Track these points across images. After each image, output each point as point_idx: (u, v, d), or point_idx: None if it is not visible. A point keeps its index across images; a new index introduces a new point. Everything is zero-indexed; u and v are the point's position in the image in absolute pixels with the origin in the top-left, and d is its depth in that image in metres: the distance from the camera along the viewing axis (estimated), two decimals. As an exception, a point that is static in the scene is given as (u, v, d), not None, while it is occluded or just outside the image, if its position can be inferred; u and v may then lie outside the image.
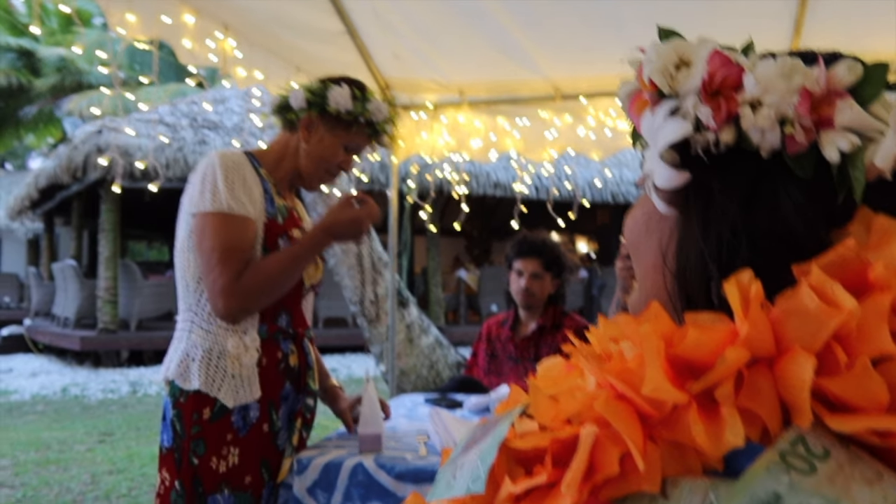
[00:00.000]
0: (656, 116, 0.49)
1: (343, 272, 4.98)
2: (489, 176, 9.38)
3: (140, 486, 3.91)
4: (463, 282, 11.00)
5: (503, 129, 3.73)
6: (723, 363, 0.39)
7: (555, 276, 2.62)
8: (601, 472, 0.40)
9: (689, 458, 0.40)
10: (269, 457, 1.54)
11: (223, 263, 1.44)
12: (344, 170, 1.66)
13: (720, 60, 0.48)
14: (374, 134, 1.65)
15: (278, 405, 1.57)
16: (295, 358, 1.61)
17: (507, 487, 0.44)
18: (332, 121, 1.60)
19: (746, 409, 0.39)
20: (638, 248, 0.55)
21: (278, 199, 1.62)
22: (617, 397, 0.42)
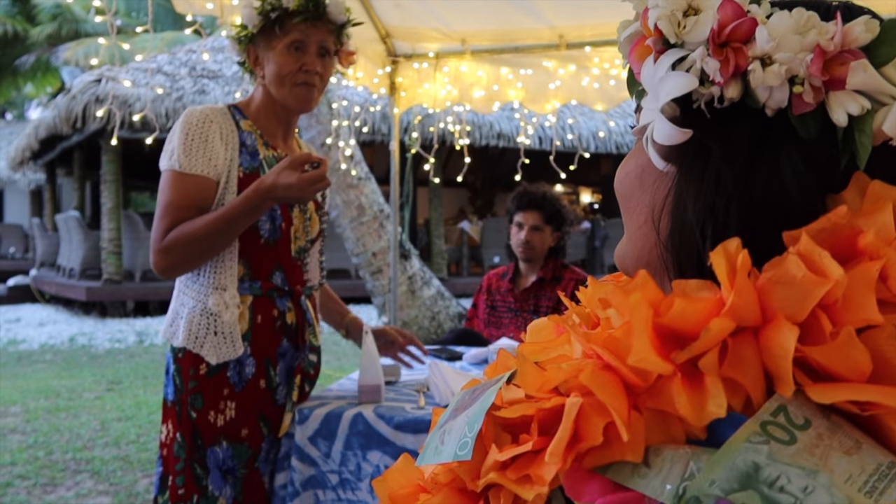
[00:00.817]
0: (659, 66, 0.47)
1: (345, 224, 4.99)
2: (492, 126, 9.28)
3: (148, 432, 4.00)
4: (465, 233, 11.01)
5: (506, 80, 3.67)
6: (707, 333, 0.39)
7: (555, 229, 2.63)
8: (585, 440, 0.41)
9: (673, 427, 0.40)
10: (267, 412, 1.56)
11: (161, 219, 1.46)
12: (311, 72, 1.55)
13: (732, 9, 0.45)
14: (310, 18, 1.52)
15: (275, 362, 1.57)
16: (292, 315, 1.60)
17: (494, 455, 0.44)
18: (262, 38, 1.55)
19: (730, 379, 0.39)
20: (629, 201, 0.53)
21: (266, 151, 1.58)
22: (603, 367, 0.43)
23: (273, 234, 1.56)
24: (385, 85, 3.75)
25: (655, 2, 0.48)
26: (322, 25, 1.55)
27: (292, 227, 1.59)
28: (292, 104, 1.57)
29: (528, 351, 0.52)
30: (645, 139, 0.49)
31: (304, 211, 1.63)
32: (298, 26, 1.52)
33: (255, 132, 1.57)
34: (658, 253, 0.49)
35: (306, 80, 1.55)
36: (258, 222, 1.53)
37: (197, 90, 8.61)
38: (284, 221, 1.58)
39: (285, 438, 1.59)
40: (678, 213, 0.47)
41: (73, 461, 3.52)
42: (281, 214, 1.57)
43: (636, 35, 0.50)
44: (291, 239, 1.60)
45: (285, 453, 1.58)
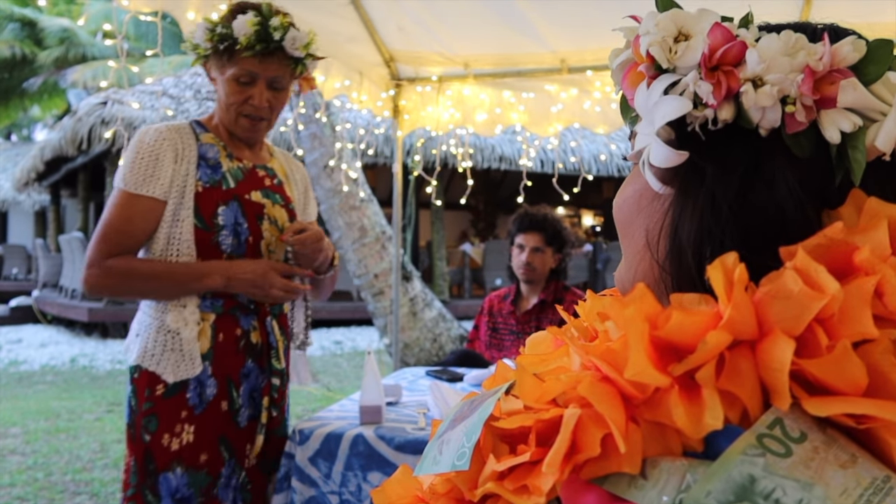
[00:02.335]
0: (653, 91, 0.48)
1: (347, 245, 5.00)
2: (494, 149, 9.33)
3: (148, 454, 3.98)
4: (467, 255, 11.01)
5: (508, 103, 3.71)
6: (704, 346, 0.39)
7: (556, 251, 2.63)
8: (583, 452, 0.41)
9: (670, 438, 0.40)
10: (229, 435, 1.49)
11: (101, 241, 1.43)
12: (257, 107, 1.49)
13: (722, 34, 0.47)
14: (257, 55, 1.45)
15: (238, 382, 1.50)
16: (257, 335, 1.53)
17: (492, 465, 0.44)
18: (214, 60, 1.49)
19: (727, 392, 0.39)
20: (628, 226, 0.54)
21: (230, 163, 1.52)
22: (601, 379, 0.43)
23: (237, 248, 1.49)
24: (388, 108, 3.79)
25: (646, 29, 0.49)
26: (275, 60, 1.47)
27: (262, 241, 1.53)
28: (238, 133, 1.53)
29: (527, 362, 0.53)
30: (642, 163, 0.50)
31: (275, 222, 1.56)
32: (247, 60, 1.45)
33: (218, 144, 1.53)
34: (656, 275, 0.50)
35: (251, 114, 1.50)
36: (218, 236, 1.47)
37: (201, 112, 8.68)
38: (252, 235, 1.51)
39: (285, 459, 1.58)
40: (675, 234, 0.48)
41: (72, 483, 3.49)
42: (248, 227, 1.50)
43: (628, 62, 0.51)
44: (263, 254, 1.53)
45: (285, 474, 1.57)
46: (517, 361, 0.52)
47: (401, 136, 3.85)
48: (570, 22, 3.01)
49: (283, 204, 1.59)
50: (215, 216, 1.47)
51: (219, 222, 1.47)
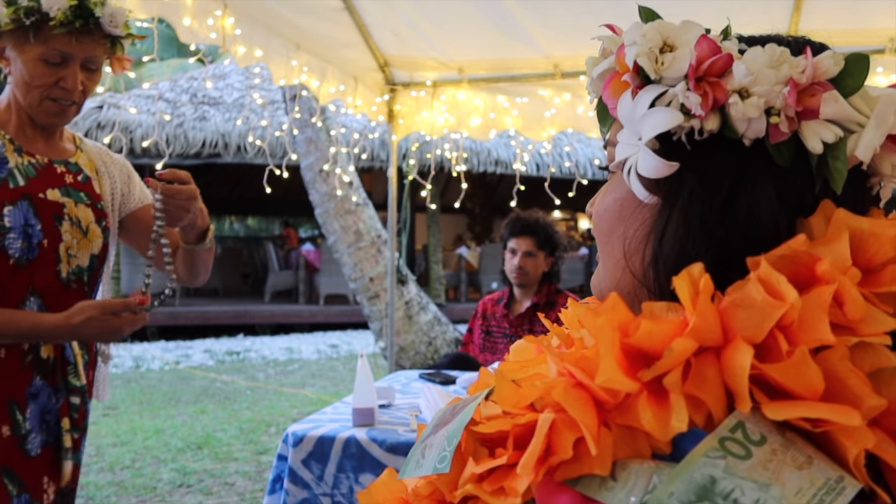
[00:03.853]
0: (639, 102, 0.49)
1: (343, 249, 5.02)
2: (490, 153, 9.36)
3: (143, 457, 3.99)
4: (464, 259, 11.04)
5: (502, 108, 3.73)
6: (670, 353, 0.41)
7: (548, 254, 2.65)
8: (556, 454, 0.43)
9: (640, 442, 0.42)
10: (15, 465, 1.29)
11: None
12: (68, 89, 1.33)
13: (708, 46, 0.48)
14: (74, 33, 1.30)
15: (24, 404, 1.31)
16: (49, 349, 1.34)
17: (471, 468, 0.46)
18: (10, 36, 1.30)
19: (692, 396, 0.41)
20: (610, 234, 0.55)
21: (18, 158, 1.33)
22: (575, 385, 0.45)
23: (27, 253, 1.30)
24: (383, 112, 3.81)
25: (633, 39, 0.50)
26: (90, 38, 1.32)
27: (62, 244, 1.35)
28: (40, 118, 1.35)
29: (507, 369, 0.54)
30: (626, 172, 0.51)
31: (77, 223, 1.38)
32: (60, 38, 1.29)
33: (3, 138, 1.33)
34: (636, 282, 0.51)
35: (61, 97, 1.33)
36: (6, 240, 1.28)
37: (197, 117, 8.69)
38: (48, 237, 1.33)
39: (277, 461, 1.60)
40: (659, 242, 0.49)
41: (66, 486, 3.50)
42: (42, 230, 1.32)
43: (609, 71, 0.52)
44: (61, 258, 1.35)
45: (277, 476, 1.58)
46: (496, 368, 0.54)
47: (395, 140, 3.87)
48: (563, 27, 3.03)
49: (88, 203, 1.40)
50: (1, 217, 1.28)
51: (5, 224, 1.28)
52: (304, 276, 10.26)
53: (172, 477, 3.64)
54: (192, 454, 4.06)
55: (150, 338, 9.19)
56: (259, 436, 4.42)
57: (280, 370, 6.98)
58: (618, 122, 0.53)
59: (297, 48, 3.06)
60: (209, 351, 8.11)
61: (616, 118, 0.52)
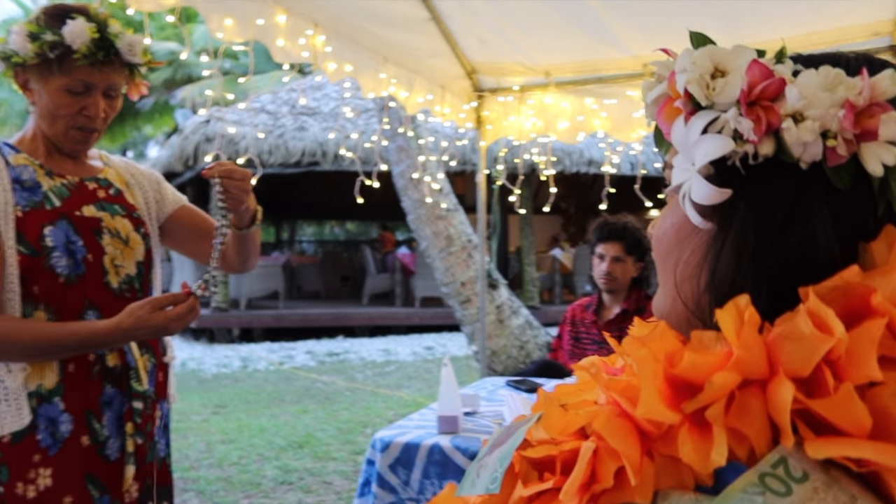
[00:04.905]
0: (692, 128, 0.49)
1: (434, 254, 5.10)
2: (582, 153, 9.23)
3: (249, 454, 4.20)
4: (557, 261, 10.93)
5: (591, 110, 3.69)
6: (711, 386, 0.41)
7: (637, 259, 2.60)
8: (598, 483, 0.44)
9: (683, 473, 0.43)
10: (97, 471, 1.37)
11: None
12: (91, 117, 1.39)
13: (760, 71, 0.47)
14: (96, 64, 1.35)
15: (99, 413, 1.38)
16: (114, 357, 1.41)
17: (519, 490, 0.48)
18: (34, 69, 1.36)
19: (735, 429, 0.41)
20: (667, 257, 0.55)
21: (50, 181, 1.40)
22: (619, 414, 0.46)
23: (74, 269, 1.37)
24: (471, 119, 3.85)
25: (683, 66, 0.50)
26: (111, 67, 1.38)
27: (106, 256, 1.41)
28: (66, 146, 1.42)
29: (560, 393, 0.56)
30: (681, 197, 0.51)
31: (117, 234, 1.44)
32: (83, 69, 1.35)
33: (33, 164, 1.40)
34: (692, 305, 0.51)
35: (85, 125, 1.40)
36: (51, 259, 1.34)
37: (297, 127, 9.06)
38: (91, 252, 1.39)
39: (366, 465, 1.66)
40: (712, 270, 0.49)
41: (180, 480, 3.74)
42: (84, 245, 1.38)
43: (663, 97, 0.52)
44: (108, 270, 1.41)
45: (366, 479, 1.64)
46: (545, 393, 0.55)
47: (484, 146, 3.91)
48: (649, 26, 2.97)
49: (124, 214, 1.47)
50: (42, 238, 1.34)
51: (47, 244, 1.34)
52: (401, 279, 10.47)
53: (275, 474, 3.82)
54: (293, 452, 4.24)
55: (257, 339, 9.66)
56: (356, 436, 4.57)
57: (377, 371, 7.17)
58: (673, 147, 0.53)
59: (385, 61, 3.14)
60: (311, 352, 8.43)
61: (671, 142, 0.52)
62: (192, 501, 3.43)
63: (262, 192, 1.59)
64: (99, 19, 1.37)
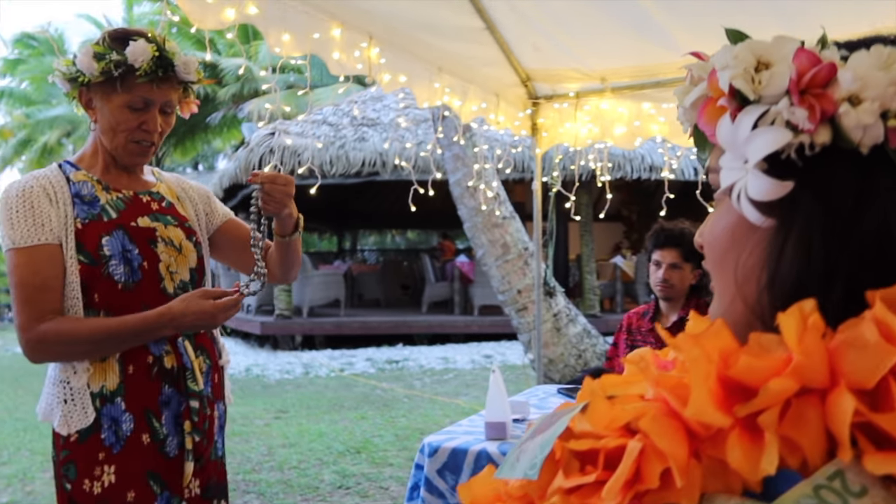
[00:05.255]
0: (741, 125, 0.47)
1: (490, 262, 5.10)
2: (644, 159, 9.07)
3: (308, 459, 4.29)
4: (619, 269, 10.75)
5: (648, 115, 3.63)
6: (766, 392, 0.39)
7: (695, 266, 2.54)
8: (643, 482, 0.42)
9: (731, 476, 0.41)
10: (157, 468, 1.44)
11: (23, 303, 1.39)
12: (149, 132, 1.48)
13: (808, 58, 0.46)
14: (153, 80, 1.44)
15: (158, 412, 1.45)
16: (171, 359, 1.48)
17: (560, 480, 0.46)
18: (98, 88, 1.45)
19: (788, 438, 0.39)
20: (721, 264, 0.53)
21: (107, 195, 1.49)
22: (667, 413, 0.44)
23: (131, 276, 1.45)
24: (526, 127, 3.84)
25: (724, 62, 0.49)
26: (168, 84, 1.48)
27: (161, 264, 1.49)
28: (124, 159, 1.50)
29: (608, 384, 0.53)
30: (735, 197, 0.49)
31: (171, 243, 1.52)
32: (143, 86, 1.44)
33: (91, 180, 1.49)
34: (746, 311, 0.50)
35: (143, 139, 1.49)
36: (109, 267, 1.43)
37: (357, 138, 9.23)
38: (146, 260, 1.47)
39: (415, 469, 1.67)
40: (774, 269, 0.47)
41: (242, 482, 3.85)
42: (139, 253, 1.46)
43: (702, 98, 0.51)
44: (164, 276, 1.49)
45: (415, 484, 1.66)
46: (591, 384, 0.52)
47: (539, 153, 3.89)
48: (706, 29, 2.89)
49: (176, 224, 1.55)
50: (100, 248, 1.43)
51: (105, 253, 1.43)
52: (459, 288, 10.50)
53: (333, 478, 3.89)
54: (351, 458, 4.30)
55: (318, 346, 9.85)
56: (413, 443, 4.60)
57: (436, 379, 7.20)
58: (717, 148, 0.52)
59: (439, 70, 3.18)
60: (371, 359, 8.54)
61: (715, 144, 0.51)
62: (252, 503, 3.53)
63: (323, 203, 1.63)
64: (157, 41, 1.46)
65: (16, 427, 5.44)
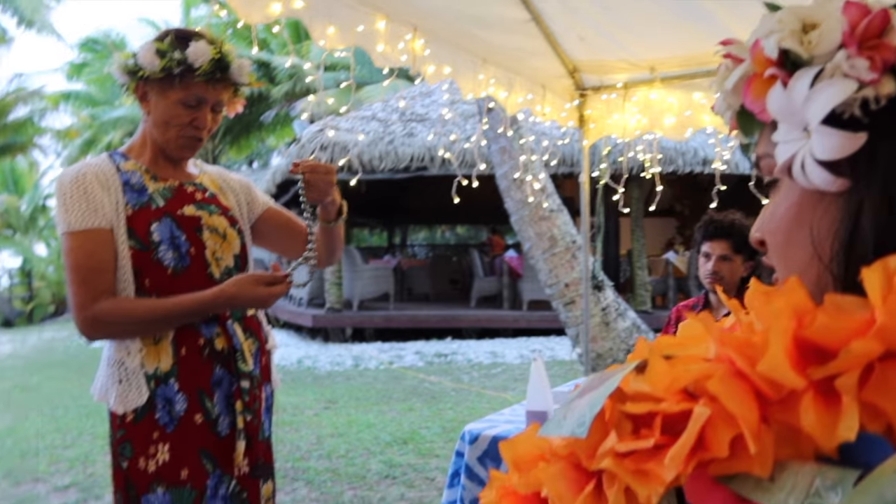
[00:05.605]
0: (795, 88, 0.45)
1: (537, 255, 5.07)
2: (697, 152, 8.87)
3: (356, 448, 4.35)
4: (671, 264, 10.55)
5: (699, 105, 3.55)
6: (847, 354, 0.37)
7: (747, 258, 2.47)
8: (710, 450, 0.39)
9: (802, 443, 0.38)
10: (209, 447, 1.49)
11: (79, 284, 1.43)
12: (199, 128, 1.54)
13: (858, 9, 0.45)
14: (209, 80, 1.51)
15: (211, 392, 1.51)
16: (222, 340, 1.53)
17: (612, 441, 0.44)
18: (156, 83, 1.51)
19: (871, 404, 0.37)
20: (789, 245, 0.51)
21: (154, 184, 1.55)
22: (734, 374, 0.41)
23: (180, 262, 1.51)
24: (574, 118, 3.81)
25: (769, 29, 0.48)
26: (222, 85, 1.54)
27: (206, 251, 1.55)
28: (173, 152, 1.57)
29: (664, 344, 0.50)
30: (799, 167, 0.47)
31: (215, 230, 1.58)
32: (199, 85, 1.51)
33: (140, 169, 1.56)
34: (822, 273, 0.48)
35: (194, 135, 1.55)
36: (158, 252, 1.49)
37: (406, 133, 9.29)
38: (193, 246, 1.53)
39: (455, 457, 1.68)
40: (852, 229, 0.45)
41: (291, 470, 3.94)
42: (187, 239, 1.52)
43: (745, 77, 0.50)
44: (210, 262, 1.55)
45: (455, 471, 1.67)
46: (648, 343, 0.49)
47: (587, 145, 3.85)
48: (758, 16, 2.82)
49: (220, 213, 1.61)
50: (150, 234, 1.49)
51: (154, 239, 1.49)
52: (508, 282, 10.47)
53: (380, 468, 3.94)
54: (398, 448, 4.35)
55: (368, 339, 9.97)
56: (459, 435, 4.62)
57: (484, 373, 7.21)
58: (767, 132, 0.50)
59: (484, 62, 3.17)
60: (420, 352, 8.60)
61: (765, 123, 0.50)
62: (301, 490, 3.60)
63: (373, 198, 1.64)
64: (217, 43, 1.53)
65: (79, 413, 5.67)
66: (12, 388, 7.16)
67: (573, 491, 0.46)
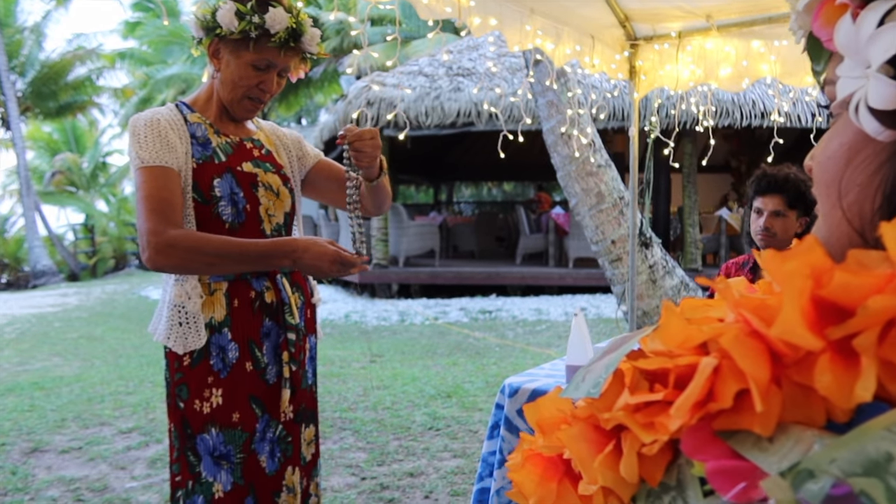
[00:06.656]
0: (863, 24, 0.42)
1: (584, 212, 4.99)
2: (755, 104, 8.53)
3: (401, 401, 4.44)
4: (724, 221, 10.28)
5: (758, 53, 3.40)
6: (864, 311, 0.36)
7: (801, 214, 2.39)
8: (715, 402, 0.39)
9: (814, 407, 0.38)
10: (258, 393, 1.57)
11: (150, 211, 1.46)
12: (265, 91, 1.59)
13: None
14: (282, 46, 1.54)
15: (260, 343, 1.58)
16: (271, 294, 1.60)
17: (625, 397, 0.45)
18: (231, 43, 1.55)
19: (889, 362, 0.35)
20: (832, 184, 0.49)
21: (218, 138, 1.60)
22: (749, 333, 0.40)
23: (237, 217, 1.57)
24: (623, 70, 3.69)
25: None
26: (293, 52, 1.58)
27: (260, 207, 1.61)
28: (237, 112, 1.61)
29: (687, 306, 0.49)
30: (853, 109, 0.45)
31: (270, 188, 1.63)
32: (271, 50, 1.54)
33: (205, 123, 1.61)
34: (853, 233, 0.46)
35: (259, 98, 1.59)
36: (218, 207, 1.55)
37: (453, 88, 9.18)
38: (249, 203, 1.59)
39: (495, 409, 1.70)
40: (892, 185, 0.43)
41: (339, 420, 4.04)
42: (244, 196, 1.58)
43: None
44: (263, 219, 1.61)
45: (495, 423, 1.68)
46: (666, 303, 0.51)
47: (637, 97, 3.74)
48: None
49: (274, 171, 1.65)
50: (212, 189, 1.54)
51: (216, 194, 1.55)
52: (554, 240, 10.39)
53: (424, 420, 4.01)
54: (442, 401, 4.42)
55: (414, 295, 10.07)
56: (503, 390, 4.66)
57: (528, 330, 7.22)
58: (836, 56, 0.47)
59: (532, 13, 3.09)
60: (464, 309, 8.66)
61: (833, 52, 0.47)
62: (348, 439, 3.70)
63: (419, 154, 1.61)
64: (293, 12, 1.58)
65: (140, 362, 5.92)
66: (79, 339, 7.49)
67: (593, 452, 0.46)
